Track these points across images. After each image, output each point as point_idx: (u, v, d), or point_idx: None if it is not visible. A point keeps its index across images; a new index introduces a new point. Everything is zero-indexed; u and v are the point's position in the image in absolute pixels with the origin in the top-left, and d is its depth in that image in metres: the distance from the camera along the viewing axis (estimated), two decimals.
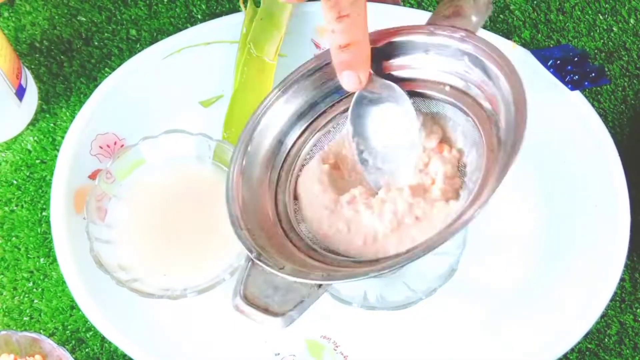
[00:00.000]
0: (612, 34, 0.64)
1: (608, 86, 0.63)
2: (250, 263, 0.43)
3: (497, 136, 0.43)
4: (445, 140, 0.48)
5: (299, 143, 0.50)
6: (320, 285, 0.42)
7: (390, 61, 0.48)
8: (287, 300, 0.41)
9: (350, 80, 0.45)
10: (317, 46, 0.62)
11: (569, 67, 0.58)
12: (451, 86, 0.47)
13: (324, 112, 0.50)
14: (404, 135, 0.47)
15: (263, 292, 0.42)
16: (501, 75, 0.43)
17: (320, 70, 0.49)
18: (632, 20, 0.65)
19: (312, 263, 0.45)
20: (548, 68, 0.58)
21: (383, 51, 0.47)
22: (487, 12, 0.47)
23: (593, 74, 0.59)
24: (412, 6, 0.66)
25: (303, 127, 0.50)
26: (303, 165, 0.50)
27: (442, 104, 0.48)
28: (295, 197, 0.49)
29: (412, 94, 0.48)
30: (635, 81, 0.63)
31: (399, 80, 0.48)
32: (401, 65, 0.48)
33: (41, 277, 0.58)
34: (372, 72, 0.46)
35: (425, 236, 0.44)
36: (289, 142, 0.50)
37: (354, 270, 0.44)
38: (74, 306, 0.57)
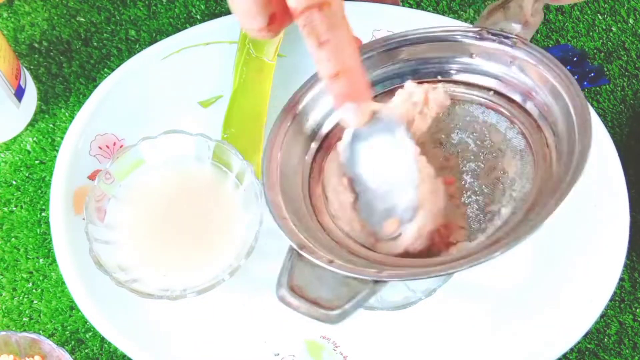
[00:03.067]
0: (611, 34, 0.64)
1: (607, 86, 0.63)
2: (294, 254, 0.41)
3: (547, 145, 0.42)
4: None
5: (337, 131, 0.47)
6: (376, 282, 0.39)
7: (434, 61, 0.47)
8: (339, 295, 0.39)
9: (351, 114, 0.41)
10: None
11: (568, 67, 0.58)
12: (496, 92, 0.46)
13: None
14: (402, 170, 0.44)
15: (311, 285, 0.39)
16: (557, 83, 0.42)
17: (374, 55, 0.46)
18: (631, 20, 0.65)
19: (355, 259, 0.42)
20: None
21: (427, 50, 0.46)
22: (538, 19, 0.45)
23: (592, 74, 0.59)
24: (411, 6, 0.66)
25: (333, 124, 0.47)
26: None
27: (485, 109, 0.46)
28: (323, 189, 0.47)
29: (454, 99, 0.46)
30: (634, 81, 0.63)
31: (444, 82, 0.46)
32: (446, 67, 0.46)
33: (40, 278, 0.58)
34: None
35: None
36: (326, 128, 0.47)
37: (415, 269, 0.41)
38: (73, 307, 0.57)
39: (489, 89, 0.46)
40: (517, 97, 0.45)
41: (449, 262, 0.41)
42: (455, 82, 0.47)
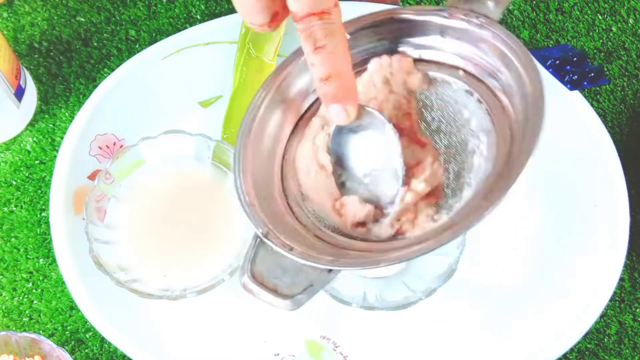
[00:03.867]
0: (611, 34, 0.64)
1: (607, 86, 0.63)
2: (258, 241, 0.42)
3: (510, 128, 0.43)
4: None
5: (310, 113, 0.48)
6: (330, 270, 0.40)
7: (406, 39, 0.47)
8: (296, 283, 0.40)
9: (338, 114, 0.43)
10: None
11: (568, 67, 0.58)
12: (465, 71, 0.46)
13: None
14: (386, 162, 0.45)
15: (271, 272, 0.41)
16: (519, 65, 0.42)
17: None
18: (631, 20, 0.65)
19: (319, 245, 0.43)
20: (547, 68, 0.58)
21: (398, 28, 0.47)
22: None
23: (592, 74, 0.59)
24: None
25: (309, 104, 0.48)
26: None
27: (455, 89, 0.46)
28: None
29: (426, 77, 0.47)
30: (634, 81, 0.63)
31: (415, 61, 0.47)
32: (417, 45, 0.47)
33: (40, 278, 0.58)
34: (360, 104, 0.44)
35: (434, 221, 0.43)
36: (297, 114, 0.48)
37: (365, 259, 0.42)
38: (73, 307, 0.57)
39: (458, 68, 0.46)
40: (484, 78, 0.45)
41: (402, 248, 0.42)
42: (427, 62, 0.47)
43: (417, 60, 0.47)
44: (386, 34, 0.47)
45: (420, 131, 0.47)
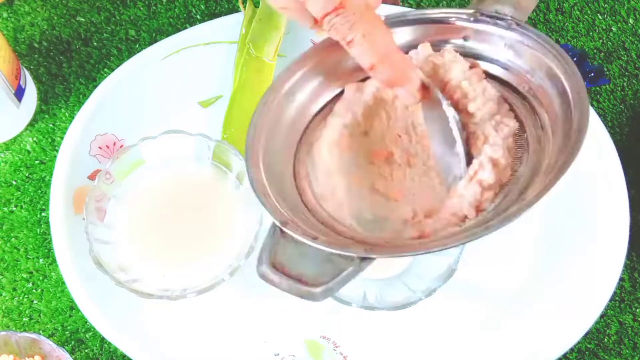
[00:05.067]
0: (611, 34, 0.64)
1: (607, 86, 0.63)
2: (277, 231, 0.40)
3: (542, 127, 0.42)
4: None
5: (324, 112, 0.47)
6: (363, 259, 0.38)
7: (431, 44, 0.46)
8: (323, 272, 0.38)
9: (402, 97, 0.43)
10: None
11: None
12: (488, 74, 0.45)
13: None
14: (448, 144, 0.44)
15: (294, 262, 0.38)
16: (552, 64, 0.42)
17: None
18: (631, 20, 0.65)
19: (340, 238, 0.41)
20: None
21: (422, 32, 0.46)
22: (531, 3, 0.45)
23: (592, 74, 0.59)
24: (410, 6, 0.66)
25: (332, 96, 0.47)
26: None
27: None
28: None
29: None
30: (634, 81, 0.63)
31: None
32: (443, 49, 0.46)
33: (40, 278, 0.58)
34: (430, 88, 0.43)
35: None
36: (314, 110, 0.47)
37: (402, 247, 0.40)
38: (73, 307, 0.57)
39: (484, 72, 0.46)
40: (511, 80, 0.45)
41: (440, 239, 0.40)
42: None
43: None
44: (408, 37, 0.47)
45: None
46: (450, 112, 0.43)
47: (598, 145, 0.58)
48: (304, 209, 0.44)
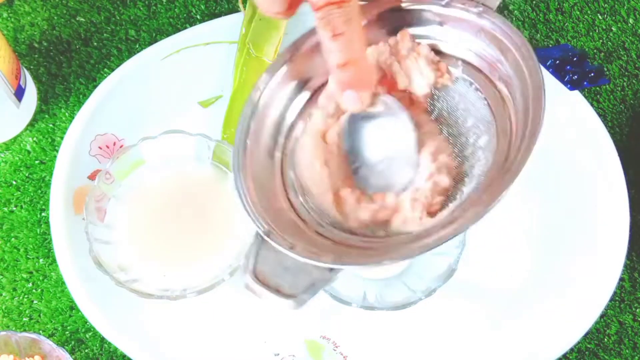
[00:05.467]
0: (611, 34, 0.64)
1: (607, 86, 0.63)
2: (259, 240, 0.42)
3: (509, 119, 0.43)
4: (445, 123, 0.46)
5: (303, 114, 0.48)
6: (331, 269, 0.40)
7: (404, 30, 0.47)
8: (298, 282, 0.40)
9: (351, 101, 0.44)
10: None
11: (568, 67, 0.58)
12: (464, 61, 0.46)
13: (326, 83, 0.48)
14: (401, 149, 0.46)
15: (273, 272, 0.41)
16: (517, 55, 0.42)
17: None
18: (631, 20, 0.65)
19: (321, 241, 0.43)
20: (547, 68, 0.58)
21: (396, 19, 0.47)
22: None
23: (592, 74, 0.58)
24: None
25: (306, 98, 0.48)
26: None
27: (454, 79, 0.46)
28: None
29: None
30: (634, 81, 0.63)
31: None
32: (415, 35, 0.47)
33: (40, 278, 0.58)
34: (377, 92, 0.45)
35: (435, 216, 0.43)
36: (292, 112, 0.48)
37: (367, 258, 0.42)
38: (73, 307, 0.57)
39: (457, 58, 0.46)
40: (483, 68, 0.45)
41: (403, 244, 0.42)
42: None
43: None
44: (384, 24, 0.47)
45: (425, 118, 0.47)
46: (407, 122, 0.45)
47: (598, 145, 0.58)
48: (289, 207, 0.45)
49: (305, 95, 0.49)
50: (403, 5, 0.47)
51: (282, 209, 0.45)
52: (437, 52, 0.47)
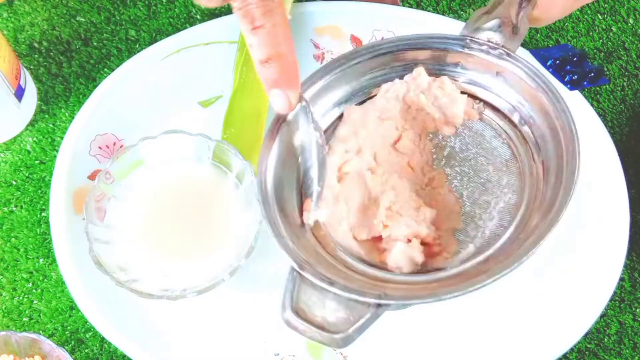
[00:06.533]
0: (611, 34, 0.65)
1: (607, 86, 0.63)
2: (295, 275, 0.40)
3: (533, 158, 0.42)
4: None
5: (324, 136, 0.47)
6: (379, 305, 0.39)
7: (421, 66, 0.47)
8: (343, 318, 0.39)
9: (278, 100, 0.42)
10: (316, 46, 0.62)
11: (568, 67, 0.58)
12: (481, 100, 0.46)
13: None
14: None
15: (314, 307, 0.39)
16: (544, 99, 0.42)
17: (362, 61, 0.47)
18: (631, 20, 0.65)
19: (356, 277, 0.42)
20: (547, 68, 0.58)
21: (414, 57, 0.46)
22: (524, 29, 0.45)
23: (592, 74, 0.59)
24: (411, 6, 0.66)
25: (327, 124, 0.48)
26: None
27: (471, 118, 0.46)
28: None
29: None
30: (634, 81, 0.63)
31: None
32: (434, 74, 0.47)
33: (40, 278, 0.58)
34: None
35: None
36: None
37: (415, 293, 0.41)
38: (73, 307, 0.57)
39: (475, 98, 0.46)
40: (503, 108, 0.45)
41: (444, 284, 0.41)
42: None
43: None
44: (401, 61, 0.47)
45: (430, 158, 0.47)
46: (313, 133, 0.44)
47: (598, 145, 0.58)
48: (316, 242, 0.44)
49: (335, 113, 0.48)
50: (421, 43, 0.46)
51: (312, 245, 0.44)
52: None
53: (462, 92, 0.46)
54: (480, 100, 0.46)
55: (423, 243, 0.44)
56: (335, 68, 0.47)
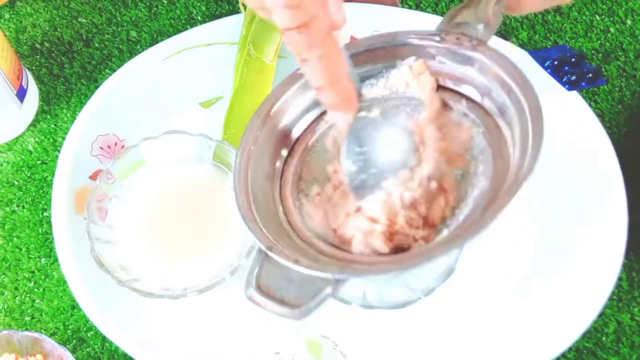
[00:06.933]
0: (609, 35, 0.65)
1: (605, 87, 0.63)
2: (262, 255, 0.43)
3: (507, 144, 0.43)
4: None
5: (307, 135, 0.49)
6: (337, 280, 0.41)
7: (400, 63, 0.48)
8: (303, 292, 0.41)
9: (336, 118, 0.45)
10: None
11: (566, 68, 0.59)
12: (459, 94, 0.47)
13: None
14: (400, 154, 0.46)
15: (278, 284, 0.42)
16: (513, 84, 0.43)
17: None
18: (629, 21, 0.65)
19: (322, 258, 0.44)
20: (545, 69, 0.59)
21: (392, 54, 0.47)
22: (497, 21, 0.46)
23: (590, 75, 0.59)
24: (410, 7, 0.66)
25: (312, 119, 0.49)
26: (306, 160, 0.49)
27: (450, 109, 0.47)
28: (299, 191, 0.48)
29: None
30: (632, 81, 0.63)
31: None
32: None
33: (42, 277, 0.58)
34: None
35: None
36: (296, 133, 0.49)
37: (371, 267, 0.43)
38: (75, 306, 0.57)
39: (451, 90, 0.47)
40: (477, 97, 0.46)
41: (399, 260, 0.43)
42: None
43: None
44: (380, 58, 0.48)
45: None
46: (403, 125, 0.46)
47: (596, 146, 0.58)
48: (290, 229, 0.46)
49: (312, 116, 0.49)
50: (399, 40, 0.47)
51: (282, 227, 0.46)
52: (438, 86, 0.47)
53: (439, 85, 0.47)
54: (455, 91, 0.46)
55: (392, 233, 0.45)
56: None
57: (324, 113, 0.49)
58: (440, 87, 0.47)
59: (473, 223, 0.41)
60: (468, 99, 0.46)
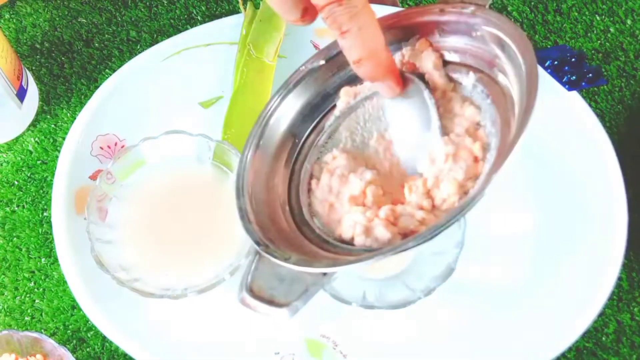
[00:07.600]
0: (609, 35, 0.65)
1: (605, 87, 0.63)
2: (257, 256, 0.43)
3: (512, 110, 0.43)
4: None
5: (313, 136, 0.49)
6: (325, 274, 0.41)
7: (405, 43, 0.48)
8: (291, 291, 0.41)
9: (383, 90, 0.45)
10: (316, 47, 0.62)
11: (566, 68, 0.59)
12: (466, 65, 0.46)
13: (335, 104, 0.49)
14: (422, 128, 0.46)
15: (269, 284, 0.42)
16: (512, 44, 0.43)
17: (331, 60, 0.49)
18: (629, 21, 0.65)
19: (323, 254, 0.44)
20: (545, 69, 0.59)
21: (397, 34, 0.47)
22: None
23: (590, 75, 0.59)
24: (410, 7, 0.66)
25: (316, 120, 0.49)
26: (318, 158, 0.49)
27: (461, 83, 0.47)
28: (309, 190, 0.48)
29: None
30: (632, 82, 0.63)
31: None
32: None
33: (42, 277, 0.59)
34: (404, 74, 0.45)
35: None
36: (302, 135, 0.49)
37: (358, 257, 0.42)
38: (75, 306, 0.57)
39: (459, 64, 0.47)
40: (484, 67, 0.45)
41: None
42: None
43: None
44: (387, 40, 0.48)
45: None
46: (431, 100, 0.45)
47: (596, 146, 0.58)
48: (295, 228, 0.46)
49: (316, 117, 0.49)
50: (402, 22, 0.47)
51: (285, 227, 0.46)
52: (444, 62, 0.47)
53: (445, 61, 0.47)
54: (464, 64, 0.46)
55: (396, 217, 0.44)
56: (306, 70, 0.49)
57: (328, 112, 0.49)
58: (446, 63, 0.47)
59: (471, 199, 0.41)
60: (475, 69, 0.46)
